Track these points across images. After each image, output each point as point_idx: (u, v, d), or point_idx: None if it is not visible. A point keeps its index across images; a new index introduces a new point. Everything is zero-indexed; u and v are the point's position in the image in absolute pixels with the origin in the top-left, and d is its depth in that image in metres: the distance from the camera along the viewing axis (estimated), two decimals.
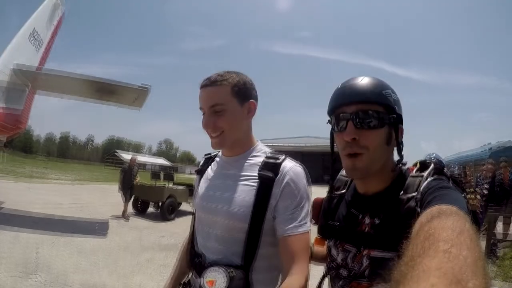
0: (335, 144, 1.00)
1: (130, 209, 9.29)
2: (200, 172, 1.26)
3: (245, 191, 1.03)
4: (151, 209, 9.59)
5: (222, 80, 1.06)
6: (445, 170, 0.88)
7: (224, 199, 1.05)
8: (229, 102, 1.06)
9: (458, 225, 0.51)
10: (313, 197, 1.11)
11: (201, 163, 1.29)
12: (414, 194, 0.80)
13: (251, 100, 1.11)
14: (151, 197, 9.21)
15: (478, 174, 6.88)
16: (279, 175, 1.02)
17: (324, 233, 1.07)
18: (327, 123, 0.97)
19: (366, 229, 0.90)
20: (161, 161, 63.43)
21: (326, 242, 1.06)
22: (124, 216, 8.45)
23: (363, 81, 0.89)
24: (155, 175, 10.30)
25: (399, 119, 0.90)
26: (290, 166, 1.05)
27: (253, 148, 1.14)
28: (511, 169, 6.66)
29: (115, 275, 4.23)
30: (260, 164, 1.07)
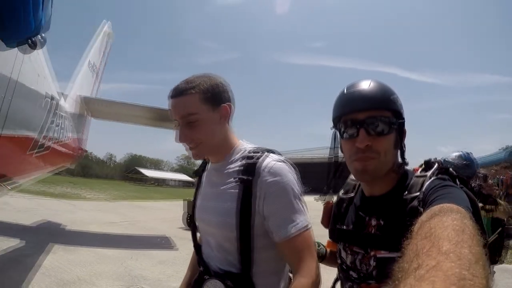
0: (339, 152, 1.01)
1: (180, 223, 9.78)
2: (198, 174, 1.25)
3: (229, 198, 1.00)
4: None
5: (190, 88, 1.01)
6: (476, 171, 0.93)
7: (212, 209, 1.04)
8: (201, 110, 1.01)
9: (458, 224, 0.51)
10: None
11: (199, 166, 1.29)
12: (417, 194, 0.81)
13: (223, 105, 1.06)
14: None
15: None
16: (256, 175, 0.97)
17: (333, 237, 1.08)
18: (331, 128, 0.97)
19: (373, 230, 0.91)
20: (183, 176, 64.55)
21: (337, 245, 1.06)
22: None
23: (371, 86, 0.88)
24: None
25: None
26: (267, 163, 0.98)
27: (233, 151, 1.10)
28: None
29: None
30: (240, 166, 1.03)
